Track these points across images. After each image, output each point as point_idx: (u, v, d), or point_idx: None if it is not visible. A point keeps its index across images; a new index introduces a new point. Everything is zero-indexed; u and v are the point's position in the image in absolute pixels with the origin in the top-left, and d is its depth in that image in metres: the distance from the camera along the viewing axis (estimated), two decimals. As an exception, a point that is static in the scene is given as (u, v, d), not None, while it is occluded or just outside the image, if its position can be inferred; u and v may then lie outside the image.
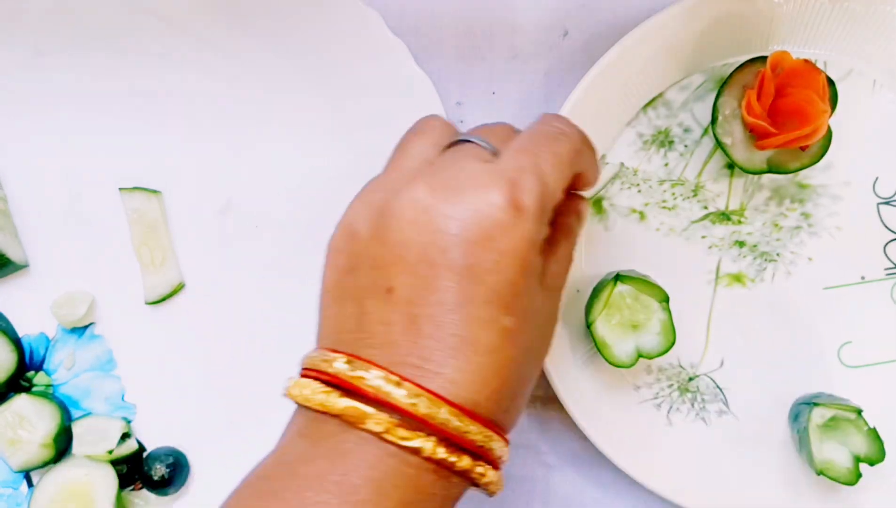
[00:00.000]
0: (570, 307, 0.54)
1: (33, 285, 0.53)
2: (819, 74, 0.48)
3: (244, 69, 0.53)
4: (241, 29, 0.52)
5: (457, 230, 0.34)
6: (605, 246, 0.54)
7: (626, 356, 0.51)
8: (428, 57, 0.54)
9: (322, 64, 0.52)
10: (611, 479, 0.56)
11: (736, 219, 0.54)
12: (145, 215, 0.53)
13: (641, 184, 0.54)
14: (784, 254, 0.54)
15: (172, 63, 0.53)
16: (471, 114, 0.55)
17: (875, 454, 0.51)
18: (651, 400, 0.55)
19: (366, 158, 0.54)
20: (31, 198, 0.53)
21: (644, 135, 0.54)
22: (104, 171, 0.53)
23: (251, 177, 0.54)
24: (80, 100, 0.53)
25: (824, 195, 0.54)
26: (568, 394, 0.51)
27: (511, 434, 0.37)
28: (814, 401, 0.52)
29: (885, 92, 0.54)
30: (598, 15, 0.54)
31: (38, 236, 0.53)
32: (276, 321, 0.54)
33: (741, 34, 0.52)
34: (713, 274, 0.55)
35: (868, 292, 0.55)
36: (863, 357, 0.55)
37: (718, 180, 0.54)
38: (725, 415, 0.55)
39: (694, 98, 0.54)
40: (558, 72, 0.55)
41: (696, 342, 0.55)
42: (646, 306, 0.51)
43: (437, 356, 0.34)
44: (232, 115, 0.53)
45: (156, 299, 0.53)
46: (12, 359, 0.52)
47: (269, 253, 0.54)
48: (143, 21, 0.52)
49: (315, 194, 0.54)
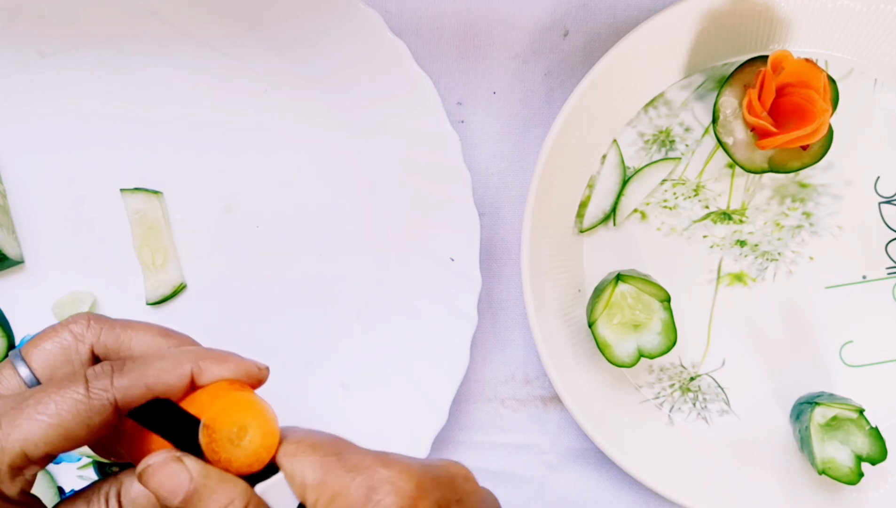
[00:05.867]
0: (572, 307, 0.54)
1: (34, 286, 0.53)
2: (820, 73, 0.48)
3: (245, 70, 0.53)
4: (241, 30, 0.52)
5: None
6: (606, 246, 0.54)
7: (627, 356, 0.51)
8: (428, 57, 0.54)
9: (322, 64, 0.52)
10: (612, 479, 0.56)
11: (737, 218, 0.54)
12: (147, 215, 0.53)
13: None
14: (785, 253, 0.54)
15: (174, 64, 0.53)
16: (471, 114, 0.55)
17: (877, 453, 0.51)
18: (652, 400, 0.55)
19: (366, 159, 0.54)
20: (32, 198, 0.53)
21: (645, 134, 0.54)
22: (106, 172, 0.53)
23: (252, 178, 0.54)
24: (82, 101, 0.53)
25: (825, 194, 0.54)
26: (569, 394, 0.51)
27: (511, 434, 0.37)
28: (815, 400, 0.51)
29: (887, 91, 0.54)
30: (598, 15, 0.54)
31: (40, 236, 0.53)
32: (277, 322, 0.54)
33: (742, 34, 0.52)
34: (714, 274, 0.54)
35: (870, 292, 0.55)
36: (864, 357, 0.55)
37: (719, 180, 0.54)
38: (727, 415, 0.55)
39: (695, 98, 0.54)
40: (558, 72, 0.55)
41: (698, 342, 0.55)
42: (647, 305, 0.51)
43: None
44: (233, 116, 0.53)
45: (157, 299, 0.54)
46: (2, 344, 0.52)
47: (271, 254, 0.54)
48: (144, 23, 0.52)
49: (316, 195, 0.54)
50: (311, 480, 0.32)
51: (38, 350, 0.35)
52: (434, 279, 0.53)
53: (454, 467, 0.35)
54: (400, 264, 0.54)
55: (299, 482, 0.33)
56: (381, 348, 0.54)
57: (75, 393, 0.32)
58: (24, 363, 0.35)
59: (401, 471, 0.32)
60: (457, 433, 0.56)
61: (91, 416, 0.32)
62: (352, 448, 0.34)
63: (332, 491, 0.32)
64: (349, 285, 0.55)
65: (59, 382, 0.33)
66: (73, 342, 0.35)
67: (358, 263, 0.55)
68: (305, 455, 0.33)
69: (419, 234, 0.53)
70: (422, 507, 0.32)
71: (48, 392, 0.32)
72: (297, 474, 0.33)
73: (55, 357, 0.35)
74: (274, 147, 0.54)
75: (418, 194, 0.53)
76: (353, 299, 0.55)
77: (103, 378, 0.33)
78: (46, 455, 0.32)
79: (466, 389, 0.55)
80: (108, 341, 0.36)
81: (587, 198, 0.54)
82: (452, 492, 0.33)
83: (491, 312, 0.56)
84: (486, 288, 0.55)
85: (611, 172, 0.54)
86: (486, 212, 0.55)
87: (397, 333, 0.54)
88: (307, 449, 0.33)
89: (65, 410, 0.32)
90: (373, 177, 0.54)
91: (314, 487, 0.32)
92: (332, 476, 0.32)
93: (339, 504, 0.32)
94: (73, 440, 0.32)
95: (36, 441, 0.32)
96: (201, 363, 0.34)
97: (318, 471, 0.32)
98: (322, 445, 0.33)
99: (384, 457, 0.33)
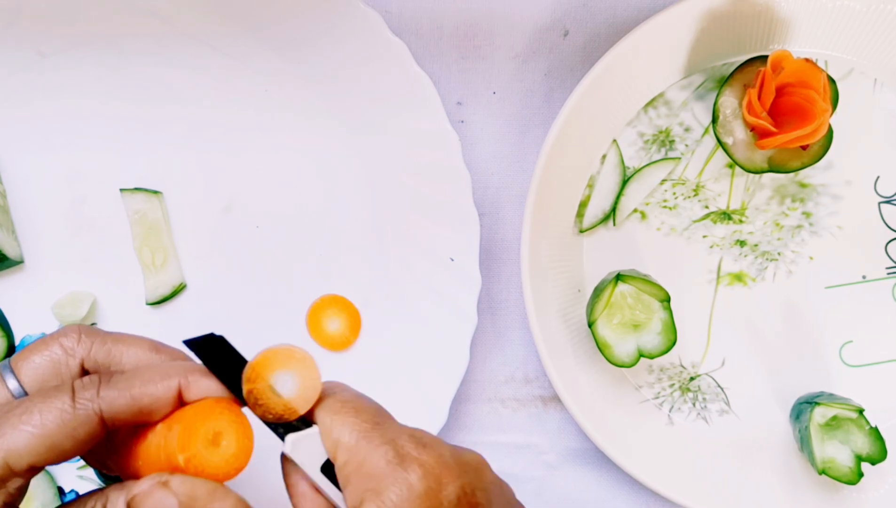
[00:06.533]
0: (572, 307, 0.54)
1: (34, 286, 0.53)
2: (820, 73, 0.48)
3: (245, 70, 0.53)
4: (241, 30, 0.52)
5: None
6: (606, 246, 0.54)
7: (627, 356, 0.51)
8: (428, 57, 0.54)
9: (322, 64, 0.52)
10: (612, 479, 0.56)
11: (737, 218, 0.54)
12: (146, 215, 0.53)
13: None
14: (785, 253, 0.54)
15: (174, 64, 0.53)
16: (471, 114, 0.55)
17: (877, 453, 0.51)
18: (652, 400, 0.55)
19: (366, 159, 0.54)
20: (32, 198, 0.53)
21: (645, 134, 0.54)
22: (106, 172, 0.53)
23: (252, 177, 0.54)
24: (82, 101, 0.53)
25: (825, 194, 0.54)
26: (569, 394, 0.51)
27: (511, 434, 0.37)
28: (815, 400, 0.51)
29: (886, 91, 0.54)
30: (598, 15, 0.54)
31: (40, 236, 0.53)
32: (276, 322, 0.54)
33: (742, 34, 0.52)
34: (714, 273, 0.55)
35: (869, 292, 0.55)
36: (864, 356, 0.55)
37: (719, 180, 0.54)
38: (727, 415, 0.55)
39: (694, 98, 0.54)
40: (558, 72, 0.55)
41: (698, 342, 0.55)
42: (647, 305, 0.51)
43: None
44: (233, 116, 0.53)
45: (157, 299, 0.54)
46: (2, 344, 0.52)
47: (271, 254, 0.54)
48: (144, 23, 0.52)
49: (316, 195, 0.54)
50: (347, 441, 0.33)
51: (27, 363, 0.35)
52: (434, 279, 0.53)
53: (479, 456, 0.35)
54: (400, 265, 0.54)
55: (334, 440, 0.33)
56: (381, 348, 0.54)
57: (61, 403, 0.32)
58: (12, 375, 0.35)
59: (432, 454, 0.33)
60: (457, 434, 0.56)
61: (76, 427, 0.32)
62: (391, 420, 0.34)
63: (363, 457, 0.33)
64: (349, 285, 0.55)
65: (45, 392, 0.33)
66: (63, 356, 0.35)
67: (358, 263, 0.55)
68: (348, 415, 0.33)
69: (419, 234, 0.53)
70: (448, 490, 0.32)
71: (34, 402, 0.32)
72: (335, 432, 0.33)
73: (44, 371, 0.35)
74: (274, 147, 0.54)
75: (418, 194, 0.53)
76: (352, 299, 0.55)
77: (90, 389, 0.33)
78: (31, 466, 0.31)
79: (466, 389, 0.55)
80: (99, 356, 0.35)
81: (587, 198, 0.54)
82: (477, 479, 0.34)
83: (491, 312, 0.56)
84: (486, 288, 0.55)
85: (611, 172, 0.54)
86: (486, 212, 0.55)
87: (397, 333, 0.54)
88: (351, 411, 0.34)
89: (49, 420, 0.32)
90: (373, 177, 0.54)
91: (347, 449, 0.33)
92: (366, 443, 0.33)
93: (366, 472, 0.32)
94: (58, 451, 0.32)
95: (20, 452, 0.31)
96: (190, 376, 0.34)
97: (355, 435, 0.33)
98: (365, 410, 0.34)
99: (420, 437, 0.34)
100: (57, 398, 0.32)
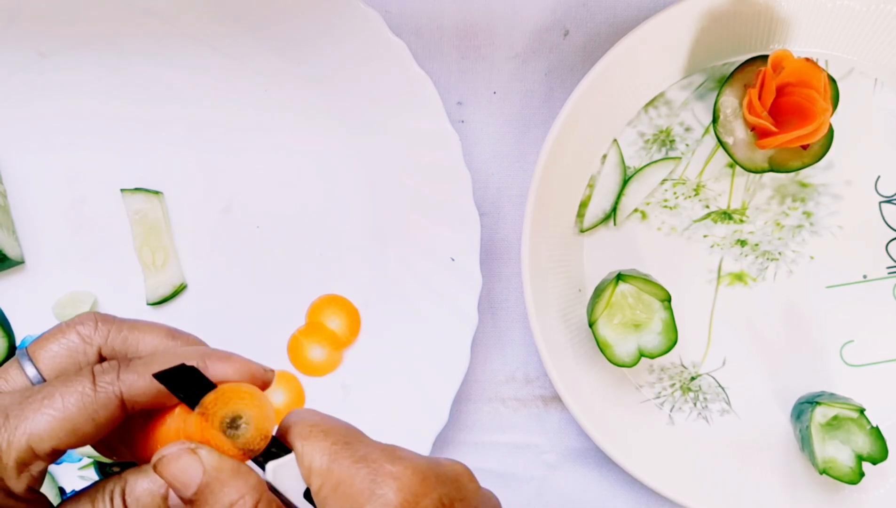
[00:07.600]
0: (572, 307, 0.54)
1: (35, 286, 0.53)
2: (820, 73, 0.48)
3: (245, 70, 0.53)
4: (241, 30, 0.52)
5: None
6: (606, 246, 0.54)
7: (627, 356, 0.51)
8: (428, 57, 0.54)
9: (322, 64, 0.52)
10: (612, 479, 0.56)
11: (737, 218, 0.54)
12: (147, 215, 0.53)
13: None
14: (786, 253, 0.54)
15: (174, 64, 0.53)
16: (471, 114, 0.55)
17: (877, 452, 0.50)
18: (653, 400, 0.55)
19: (366, 159, 0.54)
20: (32, 198, 0.53)
21: (645, 134, 0.54)
22: (106, 172, 0.53)
23: (252, 178, 0.54)
24: (82, 101, 0.53)
25: (826, 194, 0.54)
26: (569, 394, 0.51)
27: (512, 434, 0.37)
28: (816, 400, 0.51)
29: (887, 91, 0.54)
30: (598, 15, 0.54)
31: (40, 236, 0.53)
32: (277, 322, 0.54)
33: (742, 33, 0.52)
34: (715, 273, 0.54)
35: (870, 291, 0.55)
36: (865, 356, 0.55)
37: (720, 180, 0.54)
38: (727, 414, 0.55)
39: (695, 97, 0.54)
40: (558, 72, 0.55)
41: (698, 342, 0.55)
42: (647, 305, 0.51)
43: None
44: (233, 116, 0.53)
45: (157, 299, 0.54)
46: (3, 344, 0.52)
47: (271, 254, 0.54)
48: (144, 23, 0.52)
49: (316, 195, 0.54)
50: (318, 466, 0.33)
51: (45, 351, 0.35)
52: (434, 279, 0.53)
53: (458, 466, 0.35)
54: (400, 265, 0.54)
55: (307, 465, 0.33)
56: (382, 348, 0.54)
57: (82, 387, 0.32)
58: (30, 363, 0.35)
59: (406, 467, 0.32)
60: (457, 433, 0.56)
61: (97, 410, 0.32)
62: (363, 438, 0.34)
63: (336, 479, 0.32)
64: (349, 285, 0.55)
65: (65, 377, 0.33)
66: (81, 344, 0.35)
67: (358, 263, 0.55)
68: (317, 439, 0.33)
69: (419, 234, 0.53)
70: (425, 504, 0.32)
71: (55, 387, 0.32)
72: (307, 457, 0.33)
73: (62, 359, 0.35)
74: (274, 147, 0.54)
75: (418, 194, 0.53)
76: (353, 299, 0.55)
77: (110, 373, 0.33)
78: (53, 450, 0.32)
79: (467, 389, 0.55)
80: (116, 343, 0.36)
81: (587, 198, 0.54)
82: (456, 490, 0.34)
83: (491, 312, 0.56)
84: (486, 288, 0.55)
85: (611, 171, 0.54)
86: (487, 212, 0.55)
87: (398, 333, 0.54)
88: (319, 434, 0.33)
89: (71, 404, 0.32)
90: (373, 177, 0.54)
91: (320, 473, 0.33)
92: (339, 465, 0.32)
93: (343, 493, 0.32)
94: (80, 434, 0.32)
95: (42, 435, 0.31)
96: (207, 360, 0.34)
97: (326, 458, 0.33)
98: (334, 432, 0.34)
99: (392, 452, 0.33)
100: (78, 382, 0.33)
